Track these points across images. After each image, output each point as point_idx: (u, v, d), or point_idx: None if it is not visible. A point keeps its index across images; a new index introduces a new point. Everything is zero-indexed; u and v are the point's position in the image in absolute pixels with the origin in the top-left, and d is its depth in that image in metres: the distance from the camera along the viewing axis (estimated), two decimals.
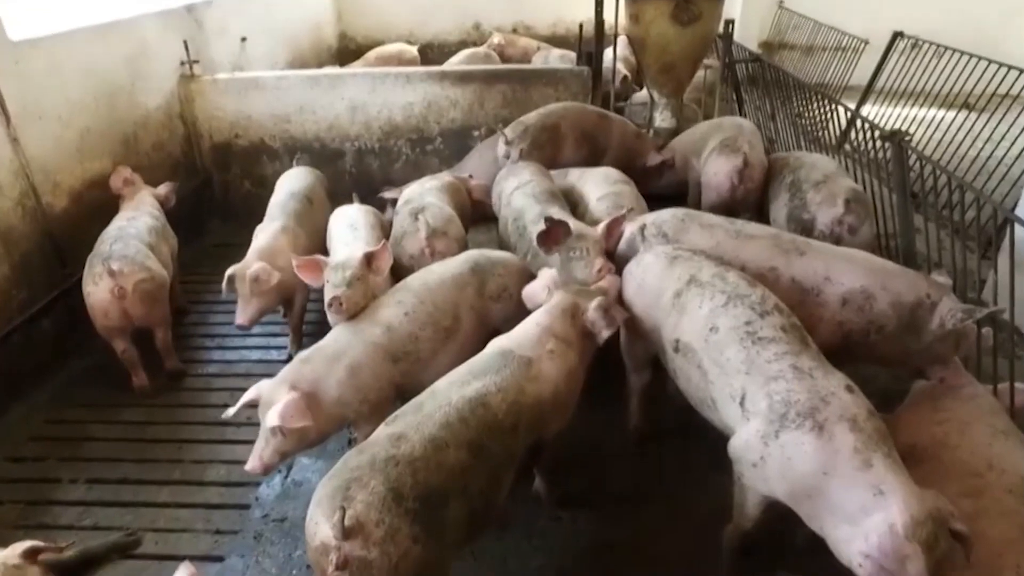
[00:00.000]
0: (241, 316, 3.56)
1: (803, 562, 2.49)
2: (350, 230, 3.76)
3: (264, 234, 3.87)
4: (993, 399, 2.66)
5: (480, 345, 2.67)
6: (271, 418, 2.48)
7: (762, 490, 2.26)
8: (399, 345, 2.77)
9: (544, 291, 2.81)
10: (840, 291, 2.72)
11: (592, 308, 2.64)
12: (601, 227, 3.14)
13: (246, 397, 2.61)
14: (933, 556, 1.85)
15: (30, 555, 2.18)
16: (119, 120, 4.75)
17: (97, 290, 3.52)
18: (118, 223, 3.95)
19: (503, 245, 3.84)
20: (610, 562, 2.64)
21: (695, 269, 2.63)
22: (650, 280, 2.74)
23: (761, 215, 4.22)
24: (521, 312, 2.82)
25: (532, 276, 3.04)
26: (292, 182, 4.43)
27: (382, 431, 2.20)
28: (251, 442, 3.34)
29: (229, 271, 3.54)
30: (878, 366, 3.03)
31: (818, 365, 2.24)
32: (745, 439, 2.25)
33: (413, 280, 3.04)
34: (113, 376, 3.85)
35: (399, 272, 3.50)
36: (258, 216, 4.19)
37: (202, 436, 3.44)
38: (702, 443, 2.82)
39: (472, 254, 3.20)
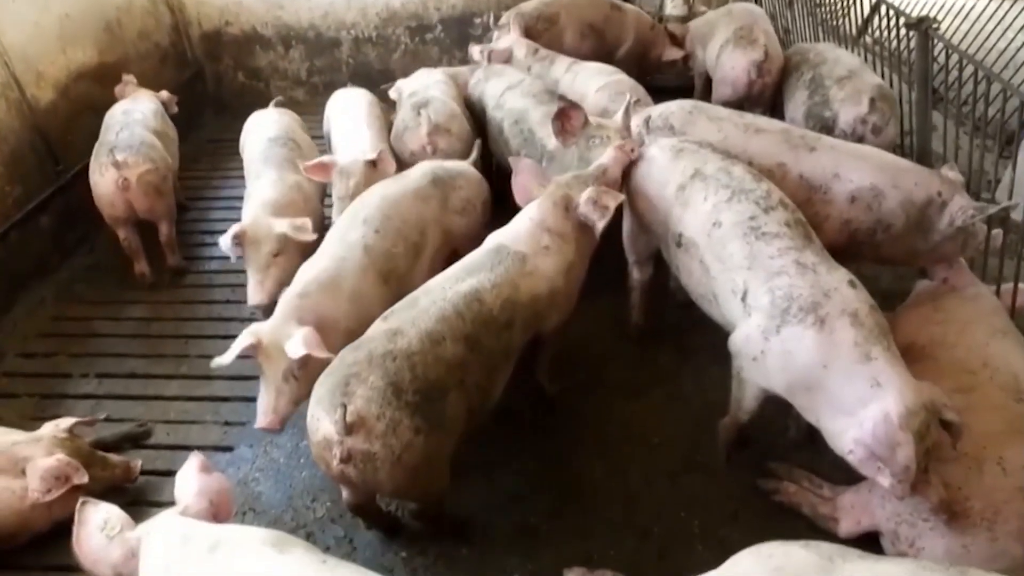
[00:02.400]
0: (259, 292, 2.94)
1: (794, 454, 2.58)
2: (348, 118, 3.64)
3: (265, 185, 3.26)
4: (995, 299, 2.65)
5: (445, 264, 2.57)
6: (295, 348, 2.24)
7: (761, 384, 2.29)
8: (382, 263, 2.65)
9: (535, 184, 2.66)
10: (849, 188, 2.65)
11: (582, 201, 2.52)
12: (619, 115, 3.01)
13: (242, 342, 2.31)
14: (923, 445, 1.90)
15: (72, 429, 2.55)
16: (99, 4, 4.52)
17: (103, 181, 3.52)
18: (122, 106, 3.86)
19: (498, 155, 3.72)
20: (609, 452, 2.72)
21: (700, 162, 2.56)
22: (654, 173, 2.67)
23: (773, 113, 4.06)
24: (484, 228, 2.72)
25: (496, 186, 2.94)
26: (267, 128, 3.71)
27: (378, 327, 2.20)
28: None
29: (235, 229, 2.93)
30: (882, 265, 3.00)
31: (821, 260, 2.22)
32: (746, 333, 2.26)
33: (371, 196, 2.86)
34: (116, 273, 3.87)
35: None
36: (254, 108, 4.05)
37: (207, 331, 3.48)
38: (702, 338, 2.84)
39: (427, 166, 3.03)
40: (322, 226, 3.28)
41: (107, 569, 1.76)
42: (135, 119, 3.76)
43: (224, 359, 2.31)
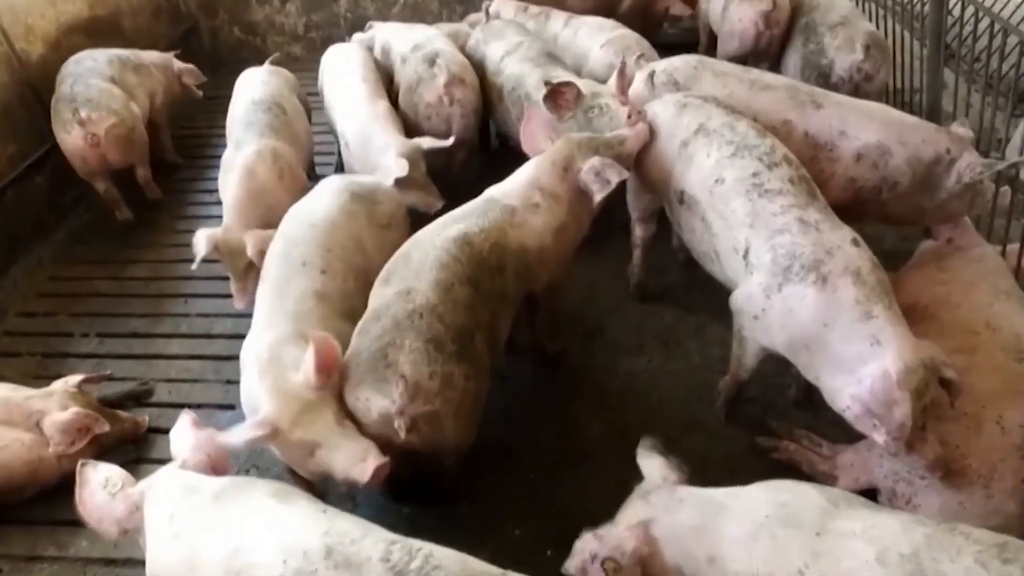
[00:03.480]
0: (241, 298, 2.87)
1: (793, 413, 2.59)
2: (343, 73, 3.54)
3: (238, 174, 3.05)
4: (1000, 260, 2.63)
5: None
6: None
7: (762, 342, 2.29)
8: (341, 305, 2.32)
9: (544, 136, 2.59)
10: (855, 146, 2.61)
11: (585, 168, 2.46)
12: (612, 78, 2.94)
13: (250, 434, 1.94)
14: (921, 402, 1.91)
15: (82, 385, 2.62)
16: None
17: (70, 138, 3.49)
18: (74, 57, 3.79)
19: (498, 123, 3.65)
20: (609, 410, 2.73)
21: (704, 117, 2.51)
22: (658, 129, 2.62)
23: (778, 66, 3.98)
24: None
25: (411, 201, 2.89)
26: (252, 89, 3.53)
27: (385, 292, 2.16)
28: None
29: (203, 238, 2.82)
30: (886, 225, 2.97)
31: (825, 218, 2.20)
32: (748, 291, 2.25)
33: (296, 228, 2.47)
34: (114, 233, 3.85)
35: (414, 130, 3.36)
36: (250, 64, 3.96)
37: (206, 291, 3.47)
38: (703, 296, 2.83)
39: (337, 182, 2.67)
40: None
41: (112, 525, 1.79)
42: (86, 67, 3.67)
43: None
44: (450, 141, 3.13)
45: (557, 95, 2.86)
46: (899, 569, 1.46)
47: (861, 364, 1.97)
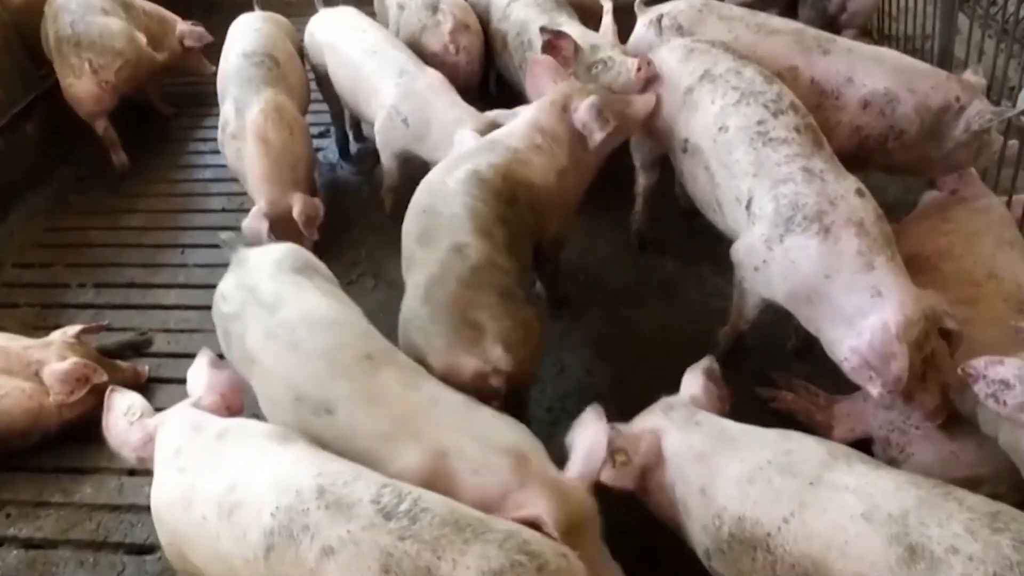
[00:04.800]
0: None
1: (792, 364, 2.59)
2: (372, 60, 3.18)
3: (254, 145, 2.96)
4: (1005, 210, 2.60)
5: None
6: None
7: (763, 293, 2.28)
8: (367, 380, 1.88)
9: (549, 81, 2.53)
10: (862, 93, 2.55)
11: (584, 105, 2.39)
12: (606, 24, 2.84)
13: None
14: (921, 353, 1.90)
15: (81, 335, 2.64)
16: None
17: (81, 84, 3.46)
18: None
19: (500, 68, 3.54)
20: (609, 359, 2.74)
21: (710, 63, 2.45)
22: (663, 75, 2.56)
23: (788, 10, 3.87)
24: None
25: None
26: (243, 39, 3.35)
27: (432, 253, 2.10)
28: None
29: (256, 224, 2.82)
30: (891, 175, 2.93)
31: (830, 168, 2.16)
32: (749, 243, 2.22)
33: (292, 333, 1.91)
34: (108, 183, 3.82)
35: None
36: (246, 8, 3.82)
37: (204, 241, 3.45)
38: (705, 247, 2.81)
39: (288, 251, 2.23)
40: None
41: (129, 452, 1.84)
42: (80, 3, 3.56)
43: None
44: (518, 110, 2.82)
45: (554, 49, 2.76)
46: (884, 528, 1.46)
47: (861, 317, 1.96)
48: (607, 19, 2.81)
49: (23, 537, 2.34)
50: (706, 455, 1.73)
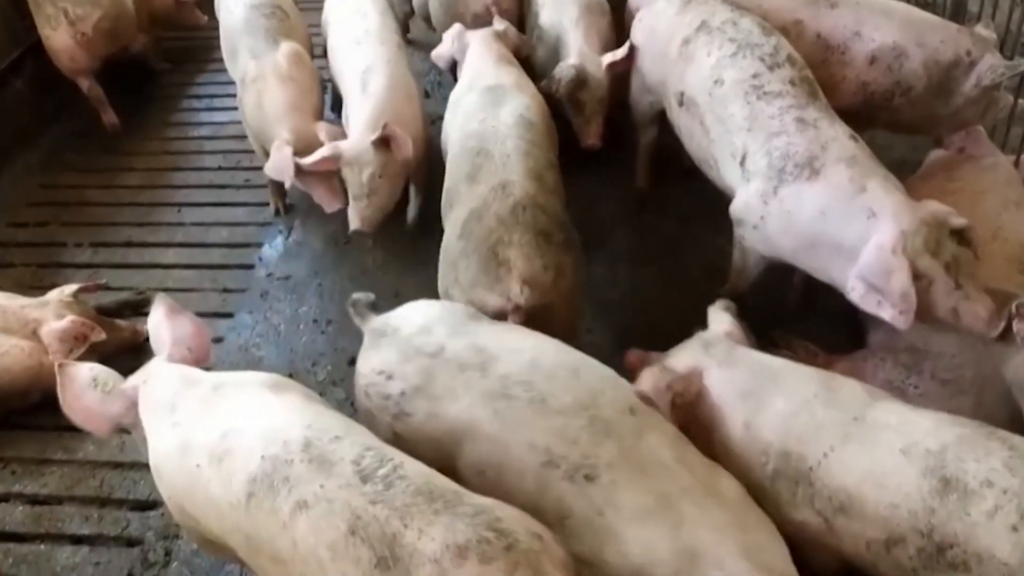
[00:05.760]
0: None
1: (792, 324, 2.58)
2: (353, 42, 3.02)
3: (278, 84, 2.88)
4: (1012, 169, 2.57)
5: None
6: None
7: (764, 252, 2.26)
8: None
9: (447, 47, 2.86)
10: (869, 48, 2.49)
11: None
12: None
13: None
14: (940, 260, 1.85)
15: (78, 294, 2.62)
16: None
17: (56, 35, 3.34)
18: None
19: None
20: (610, 319, 2.73)
21: (708, 14, 2.40)
22: (661, 27, 2.51)
23: None
24: None
25: None
26: None
27: (477, 189, 2.11)
28: (252, 204, 3.36)
29: (282, 161, 2.68)
30: (897, 133, 2.88)
31: (824, 116, 2.12)
32: (745, 201, 2.19)
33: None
34: (102, 140, 3.75)
35: None
36: None
37: (200, 199, 3.42)
38: (705, 206, 2.78)
39: (441, 306, 1.98)
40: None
41: (105, 423, 1.81)
42: None
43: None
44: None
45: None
46: (920, 461, 1.50)
47: (862, 244, 1.93)
48: None
49: (28, 493, 2.36)
50: (750, 391, 1.73)
